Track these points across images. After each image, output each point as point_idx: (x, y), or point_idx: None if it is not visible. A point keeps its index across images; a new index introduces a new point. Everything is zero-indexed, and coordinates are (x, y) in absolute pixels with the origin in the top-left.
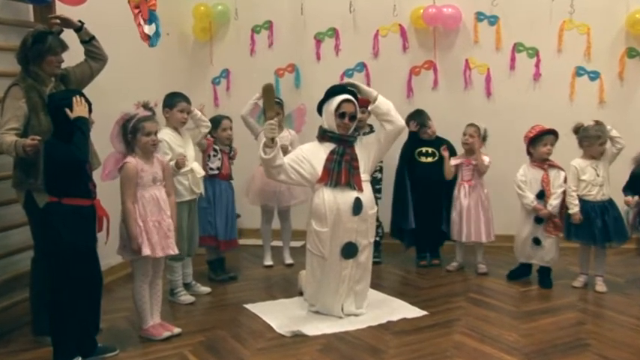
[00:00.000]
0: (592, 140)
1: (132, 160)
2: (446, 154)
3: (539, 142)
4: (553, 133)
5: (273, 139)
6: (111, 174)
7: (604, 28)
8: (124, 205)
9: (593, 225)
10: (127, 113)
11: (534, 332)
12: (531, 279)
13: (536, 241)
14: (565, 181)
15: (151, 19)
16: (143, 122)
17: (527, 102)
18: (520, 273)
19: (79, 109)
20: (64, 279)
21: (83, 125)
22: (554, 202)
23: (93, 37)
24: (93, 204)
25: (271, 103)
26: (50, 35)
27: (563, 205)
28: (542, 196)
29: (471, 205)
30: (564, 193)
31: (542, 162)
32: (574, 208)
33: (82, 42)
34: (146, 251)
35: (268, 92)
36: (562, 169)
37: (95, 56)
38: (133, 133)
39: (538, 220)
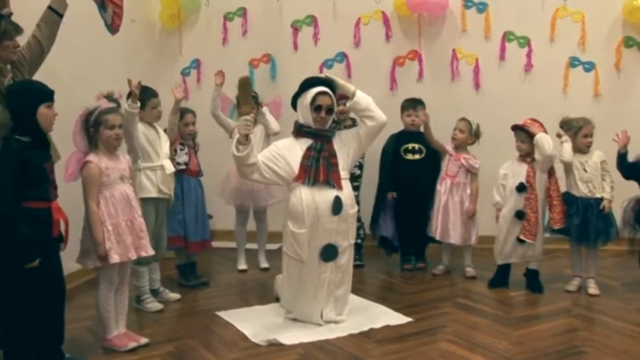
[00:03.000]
0: (574, 131)
1: (94, 159)
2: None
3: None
4: (521, 129)
5: (247, 136)
6: (73, 174)
7: (599, 16)
8: (89, 209)
9: (570, 221)
10: (87, 108)
11: (526, 340)
12: (523, 282)
13: (521, 240)
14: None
15: (103, 5)
16: (106, 115)
17: (518, 94)
18: (501, 280)
19: None
20: (18, 288)
21: None
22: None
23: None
24: (50, 207)
25: (247, 97)
26: (2, 19)
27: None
28: (521, 189)
29: (449, 203)
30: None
31: (525, 156)
32: None
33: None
34: (114, 258)
35: (244, 86)
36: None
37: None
38: (95, 127)
39: (519, 214)
